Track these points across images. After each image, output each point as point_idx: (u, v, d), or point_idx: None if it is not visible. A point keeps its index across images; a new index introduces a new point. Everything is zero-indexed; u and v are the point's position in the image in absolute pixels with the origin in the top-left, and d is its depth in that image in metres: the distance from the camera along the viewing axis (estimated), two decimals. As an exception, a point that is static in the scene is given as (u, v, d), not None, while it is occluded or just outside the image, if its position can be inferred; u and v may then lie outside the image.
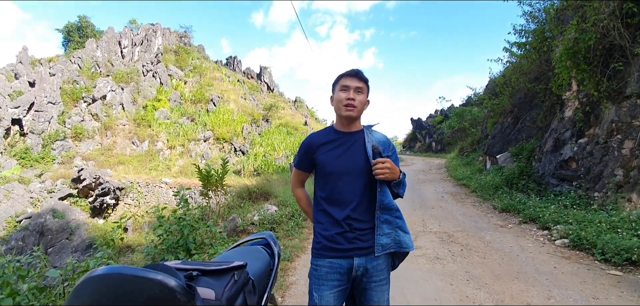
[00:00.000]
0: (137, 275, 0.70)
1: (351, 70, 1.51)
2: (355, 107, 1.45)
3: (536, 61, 8.41)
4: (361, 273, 1.43)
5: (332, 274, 1.42)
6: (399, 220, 1.48)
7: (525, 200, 5.91)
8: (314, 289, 1.44)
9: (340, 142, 1.48)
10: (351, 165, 1.45)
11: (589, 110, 5.66)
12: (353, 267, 1.42)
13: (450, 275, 3.42)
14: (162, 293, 0.72)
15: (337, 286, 1.42)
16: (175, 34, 29.90)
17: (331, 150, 1.48)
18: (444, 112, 26.63)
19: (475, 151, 13.48)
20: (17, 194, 12.63)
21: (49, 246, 10.77)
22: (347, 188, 1.43)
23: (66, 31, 26.56)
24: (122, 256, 8.33)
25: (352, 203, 1.42)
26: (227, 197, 7.49)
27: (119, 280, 0.69)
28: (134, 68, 22.53)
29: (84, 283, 0.69)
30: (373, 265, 1.44)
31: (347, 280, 1.44)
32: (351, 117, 1.47)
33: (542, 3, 8.51)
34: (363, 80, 1.50)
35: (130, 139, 18.52)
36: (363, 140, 1.48)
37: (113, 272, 0.69)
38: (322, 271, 1.44)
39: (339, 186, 1.44)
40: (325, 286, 1.42)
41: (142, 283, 0.70)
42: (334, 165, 1.45)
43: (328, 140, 1.50)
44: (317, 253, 1.47)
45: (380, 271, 1.45)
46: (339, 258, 1.42)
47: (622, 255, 3.44)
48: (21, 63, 17.74)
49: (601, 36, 5.14)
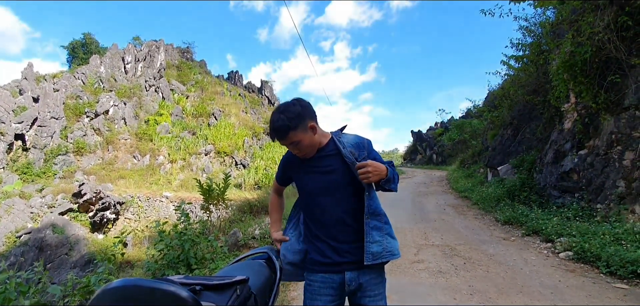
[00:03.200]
0: (151, 286, 0.73)
1: (271, 131, 1.36)
2: (306, 154, 1.40)
3: (534, 74, 8.51)
4: (355, 288, 1.40)
5: (324, 289, 1.41)
6: (387, 225, 1.44)
7: (527, 212, 5.87)
8: (308, 304, 1.44)
9: (315, 160, 1.42)
10: (329, 180, 1.40)
11: (588, 122, 5.68)
12: (345, 281, 1.39)
13: (454, 289, 3.38)
14: (175, 304, 0.73)
15: (331, 302, 1.40)
16: (177, 50, 30.39)
17: (308, 169, 1.43)
18: (444, 124, 26.73)
19: (476, 163, 13.48)
20: (17, 209, 12.61)
21: (48, 262, 10.67)
22: (329, 204, 1.40)
23: (71, 48, 27.04)
24: (122, 272, 8.24)
25: (336, 218, 1.39)
26: (228, 211, 7.47)
27: (134, 292, 0.71)
28: (137, 83, 22.80)
29: (101, 295, 0.71)
30: (366, 279, 1.39)
31: (339, 295, 1.42)
32: (308, 157, 1.42)
33: (538, 17, 8.67)
34: (287, 133, 1.31)
35: (132, 153, 18.58)
36: (336, 150, 1.42)
37: (129, 284, 0.71)
38: (315, 286, 1.43)
39: (320, 204, 1.41)
40: (319, 301, 1.40)
41: (157, 294, 0.72)
42: (313, 184, 1.42)
43: (304, 160, 1.44)
44: (309, 268, 1.47)
45: (375, 286, 1.40)
46: (330, 273, 1.40)
47: (627, 268, 3.40)
48: (26, 79, 17.99)
49: (597, 49, 5.21)
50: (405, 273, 3.88)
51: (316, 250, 1.44)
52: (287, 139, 1.33)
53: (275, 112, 1.36)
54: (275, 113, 1.35)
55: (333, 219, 1.40)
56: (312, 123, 1.36)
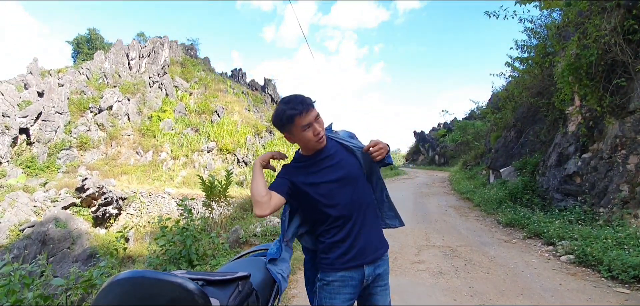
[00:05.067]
0: (159, 278, 0.74)
1: (298, 105, 1.32)
2: (323, 135, 1.38)
3: (538, 76, 8.46)
4: (372, 280, 1.45)
5: (343, 288, 1.39)
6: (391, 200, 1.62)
7: (529, 215, 5.85)
8: (326, 301, 1.41)
9: (320, 161, 1.41)
10: (345, 171, 1.41)
11: (592, 125, 5.65)
12: (364, 277, 1.41)
13: (454, 290, 3.38)
14: (182, 295, 0.75)
15: (349, 300, 1.41)
16: (181, 47, 30.46)
17: (317, 169, 1.40)
18: (447, 125, 26.64)
19: (478, 164, 13.42)
20: (21, 203, 12.72)
21: (50, 256, 10.76)
22: (349, 194, 1.39)
23: (76, 43, 27.19)
24: (123, 267, 8.30)
25: (358, 206, 1.40)
26: (229, 208, 7.50)
27: (142, 283, 0.72)
28: (141, 79, 22.90)
29: (109, 286, 0.72)
30: (381, 271, 1.46)
31: (356, 292, 1.44)
32: (324, 145, 1.41)
33: (544, 19, 8.62)
34: (313, 105, 1.37)
35: (135, 149, 18.67)
36: (337, 146, 1.44)
37: (137, 275, 0.72)
38: (334, 285, 1.40)
39: (339, 197, 1.38)
40: (338, 300, 1.39)
41: (164, 285, 0.73)
42: (329, 177, 1.40)
43: (306, 166, 1.42)
44: (326, 268, 1.41)
45: (386, 275, 1.49)
46: (350, 269, 1.39)
47: (629, 272, 3.38)
48: (31, 74, 18.12)
49: (603, 52, 5.17)
50: (406, 273, 3.88)
51: (334, 247, 1.39)
52: (313, 111, 1.34)
53: (292, 96, 1.36)
54: (293, 96, 1.36)
55: (354, 208, 1.39)
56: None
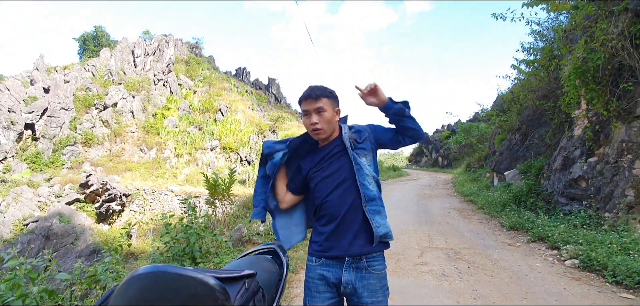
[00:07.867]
0: (180, 273, 0.74)
1: (306, 91, 1.41)
2: (321, 129, 1.40)
3: (544, 79, 8.40)
4: (350, 292, 1.38)
5: (322, 285, 1.42)
6: (384, 209, 1.44)
7: (533, 219, 5.81)
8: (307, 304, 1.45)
9: (324, 155, 1.46)
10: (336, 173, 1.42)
11: (598, 129, 5.60)
12: (341, 282, 1.37)
13: (457, 292, 3.37)
14: (203, 291, 0.74)
15: (329, 299, 1.40)
16: (186, 45, 30.61)
17: (317, 166, 1.45)
18: (451, 127, 26.55)
19: (482, 167, 13.37)
20: (25, 198, 12.84)
21: (54, 251, 10.82)
22: (334, 200, 1.40)
23: (82, 40, 27.41)
24: (127, 263, 8.35)
25: (340, 214, 1.39)
26: (232, 206, 7.52)
27: (164, 277, 0.71)
28: (146, 77, 23.04)
29: (130, 281, 0.71)
30: (363, 284, 1.36)
31: (336, 293, 1.42)
32: (321, 139, 1.45)
33: (550, 22, 8.56)
34: (321, 97, 1.39)
35: (139, 146, 18.78)
36: (343, 144, 1.45)
37: (158, 270, 0.72)
38: (313, 283, 1.44)
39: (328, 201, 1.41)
40: (318, 300, 1.40)
41: (185, 281, 0.73)
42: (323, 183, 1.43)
43: (314, 155, 1.48)
44: (310, 262, 1.48)
45: (372, 293, 1.35)
46: (328, 267, 1.41)
47: (634, 278, 3.35)
48: (37, 70, 18.28)
49: (610, 56, 5.13)
50: (409, 275, 3.88)
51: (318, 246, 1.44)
52: (317, 101, 1.38)
53: (313, 85, 1.44)
54: (314, 85, 1.44)
55: (339, 211, 1.40)
56: (338, 109, 1.47)
